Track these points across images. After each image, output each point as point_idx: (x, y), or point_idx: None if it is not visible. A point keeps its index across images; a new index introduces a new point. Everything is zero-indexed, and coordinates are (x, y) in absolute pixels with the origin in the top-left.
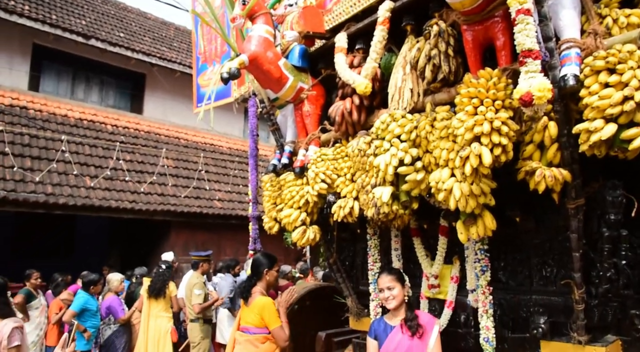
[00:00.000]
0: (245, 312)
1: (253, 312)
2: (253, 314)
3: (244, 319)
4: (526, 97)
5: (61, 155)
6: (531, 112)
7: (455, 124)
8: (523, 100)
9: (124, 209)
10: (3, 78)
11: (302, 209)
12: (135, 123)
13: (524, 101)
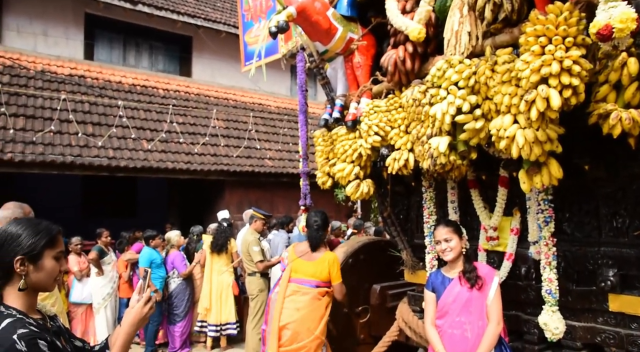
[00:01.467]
0: (305, 265)
1: (321, 265)
2: (321, 267)
3: (302, 272)
4: (605, 30)
5: (119, 120)
6: (609, 48)
7: (519, 67)
8: (601, 34)
9: (180, 169)
10: (61, 49)
11: (355, 162)
12: (185, 86)
13: (602, 35)
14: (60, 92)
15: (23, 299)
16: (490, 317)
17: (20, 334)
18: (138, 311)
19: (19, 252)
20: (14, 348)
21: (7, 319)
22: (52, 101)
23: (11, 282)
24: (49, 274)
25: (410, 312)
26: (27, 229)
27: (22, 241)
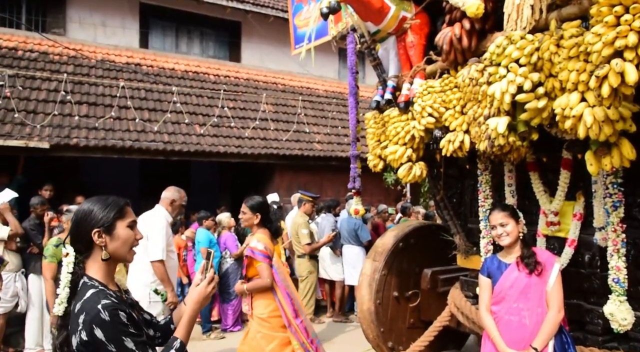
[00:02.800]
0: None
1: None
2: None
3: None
4: None
5: (173, 106)
6: None
7: (589, 40)
8: None
9: (231, 153)
10: (118, 39)
11: (407, 145)
12: (234, 71)
13: None
14: (119, 80)
15: (103, 271)
16: (550, 305)
17: (104, 304)
18: (202, 290)
19: (94, 225)
20: (98, 317)
21: (91, 290)
22: (112, 89)
23: (92, 255)
24: (124, 242)
25: (462, 297)
26: (97, 204)
27: (95, 215)
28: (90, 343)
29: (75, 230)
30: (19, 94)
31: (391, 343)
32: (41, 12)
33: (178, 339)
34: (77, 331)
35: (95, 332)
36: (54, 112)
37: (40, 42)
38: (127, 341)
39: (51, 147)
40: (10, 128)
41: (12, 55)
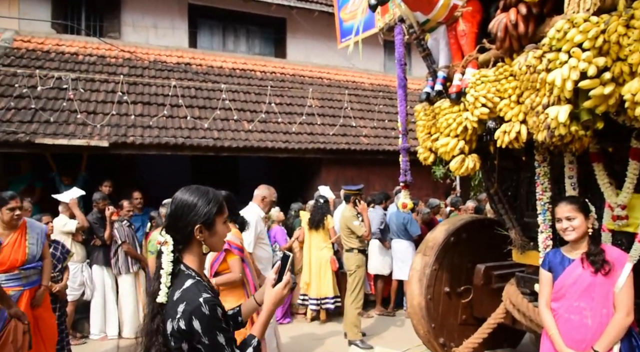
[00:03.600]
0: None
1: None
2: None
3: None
4: None
5: (222, 103)
6: None
7: None
8: None
9: (279, 148)
10: (168, 39)
11: (459, 137)
12: (280, 67)
13: None
14: (170, 79)
15: (198, 263)
16: (618, 307)
17: (205, 298)
18: (279, 292)
19: (197, 221)
20: (199, 310)
21: (190, 279)
22: (164, 88)
23: (189, 248)
24: (220, 237)
25: (519, 294)
26: (201, 199)
27: (198, 210)
28: (186, 332)
29: (176, 221)
30: (80, 96)
31: (442, 339)
32: (98, 17)
33: (255, 337)
34: (175, 318)
35: (193, 323)
36: (112, 112)
37: (98, 46)
38: (220, 336)
39: (110, 146)
40: (73, 128)
41: (73, 60)
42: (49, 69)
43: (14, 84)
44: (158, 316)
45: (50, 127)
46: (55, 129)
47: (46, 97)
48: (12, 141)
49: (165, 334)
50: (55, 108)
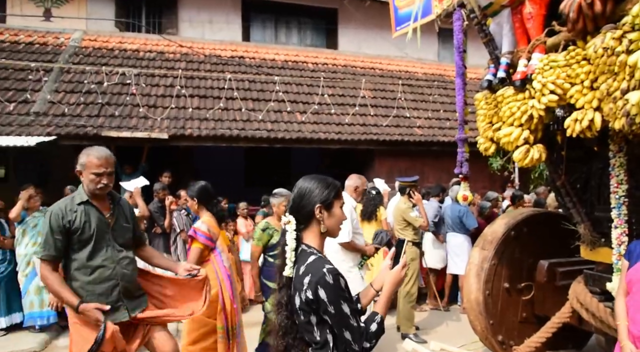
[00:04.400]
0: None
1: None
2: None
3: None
4: None
5: (275, 95)
6: None
7: None
8: None
9: (332, 139)
10: (223, 34)
11: (524, 126)
12: (332, 58)
13: None
14: (225, 72)
15: (318, 243)
16: None
17: (328, 268)
18: (397, 274)
19: (317, 201)
20: (323, 279)
21: (312, 256)
22: (219, 81)
23: (309, 227)
24: (338, 220)
25: (587, 293)
26: (319, 183)
27: (319, 192)
28: (314, 301)
29: (299, 203)
30: (142, 91)
31: (501, 337)
32: (157, 15)
33: (379, 314)
34: (302, 290)
35: (319, 292)
36: (171, 105)
37: (157, 42)
38: (344, 306)
39: (169, 138)
40: (136, 121)
41: (135, 56)
42: (113, 65)
43: (82, 80)
44: (284, 288)
45: (115, 120)
46: (120, 122)
47: (111, 92)
48: (82, 134)
49: (292, 307)
50: (119, 102)
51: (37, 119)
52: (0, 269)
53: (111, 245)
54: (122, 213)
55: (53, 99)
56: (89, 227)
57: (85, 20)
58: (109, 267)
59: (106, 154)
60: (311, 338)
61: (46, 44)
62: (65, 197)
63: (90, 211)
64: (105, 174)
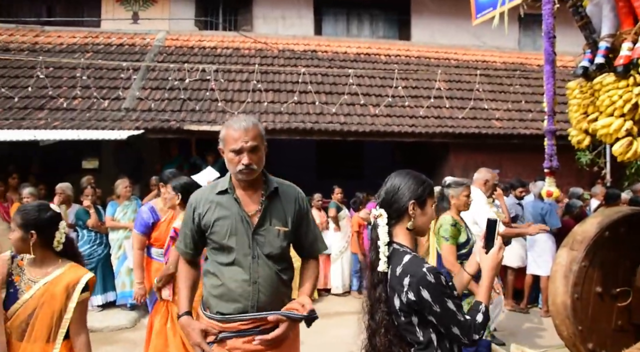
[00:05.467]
0: None
1: None
2: None
3: None
4: None
5: (348, 88)
6: None
7: None
8: None
9: (405, 132)
10: (296, 29)
11: (626, 116)
12: (405, 50)
13: None
14: (298, 66)
15: (409, 240)
16: None
17: (428, 267)
18: (495, 257)
19: (411, 197)
20: (425, 279)
21: (407, 255)
22: (292, 75)
23: (400, 223)
24: (429, 219)
25: None
26: (414, 180)
27: (412, 188)
28: (416, 303)
29: (393, 197)
30: (220, 86)
31: (592, 345)
32: (233, 13)
33: (482, 303)
34: (403, 292)
35: (422, 293)
36: (247, 100)
37: (233, 39)
38: (449, 303)
39: None
40: (214, 116)
41: (212, 54)
42: (193, 63)
43: (166, 77)
44: (380, 284)
45: (195, 114)
46: (200, 117)
47: (191, 88)
48: (166, 128)
49: (390, 305)
50: (199, 98)
51: (127, 114)
52: (97, 251)
53: (251, 255)
54: (278, 211)
55: (141, 95)
56: (222, 226)
57: (168, 21)
58: (240, 285)
59: (248, 123)
60: (413, 339)
61: (134, 44)
62: (213, 183)
63: (230, 204)
64: (245, 151)
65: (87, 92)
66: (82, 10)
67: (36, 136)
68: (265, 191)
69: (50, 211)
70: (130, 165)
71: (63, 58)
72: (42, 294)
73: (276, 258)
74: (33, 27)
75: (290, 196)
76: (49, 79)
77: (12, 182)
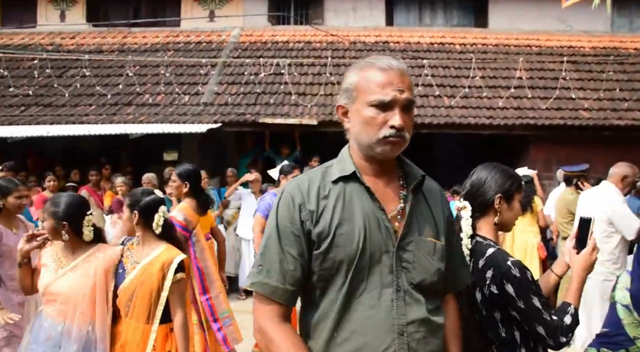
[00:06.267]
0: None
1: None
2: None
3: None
4: None
5: (422, 79)
6: None
7: None
8: None
9: (482, 124)
10: (366, 20)
11: None
12: (481, 38)
13: None
14: None
15: (493, 234)
16: None
17: (512, 261)
18: (587, 258)
19: (497, 190)
20: (509, 273)
21: (491, 248)
22: None
23: (484, 217)
24: (515, 215)
25: None
26: (501, 173)
27: (499, 181)
28: (499, 297)
29: (478, 190)
30: (292, 80)
31: None
32: (305, 7)
33: (571, 304)
34: (485, 285)
35: (505, 287)
36: (319, 93)
37: (304, 33)
38: (534, 299)
39: (318, 124)
40: (287, 109)
41: (285, 48)
42: (266, 57)
43: (242, 72)
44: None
45: (269, 108)
46: (274, 110)
47: (265, 82)
48: (242, 121)
49: (471, 298)
50: (272, 91)
51: (205, 108)
52: None
53: (394, 285)
54: (426, 214)
55: (218, 90)
56: (348, 235)
57: (242, 18)
58: (378, 337)
59: (400, 64)
60: (495, 334)
61: (211, 42)
62: (313, 169)
63: (358, 198)
64: (398, 105)
65: (170, 88)
66: (164, 11)
67: (126, 130)
68: (406, 181)
69: (153, 195)
70: (208, 157)
71: (148, 57)
72: (141, 274)
73: (429, 291)
74: (121, 29)
75: (436, 193)
76: (136, 76)
77: (106, 172)
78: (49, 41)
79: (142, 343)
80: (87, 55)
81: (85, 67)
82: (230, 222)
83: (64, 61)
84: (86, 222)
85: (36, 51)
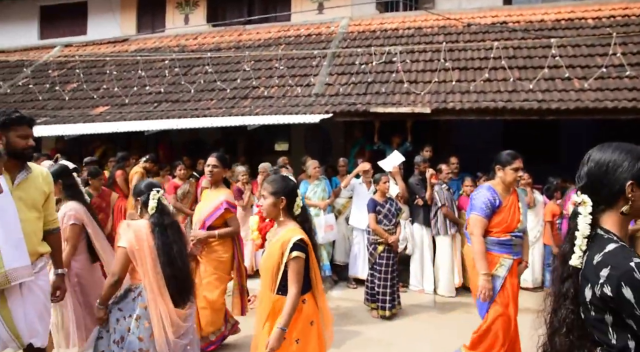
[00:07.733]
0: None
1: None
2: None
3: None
4: None
5: (547, 61)
6: None
7: None
8: None
9: (623, 109)
10: (481, 1)
11: None
12: (622, 9)
13: None
14: (486, 41)
15: (620, 225)
16: None
17: (637, 262)
18: None
19: (628, 177)
20: (630, 275)
21: (612, 244)
22: (480, 51)
23: (611, 210)
24: None
25: None
26: (629, 154)
27: (628, 165)
28: (613, 299)
29: (603, 180)
30: (404, 67)
31: None
32: None
33: None
34: (598, 283)
35: (623, 290)
36: (432, 79)
37: (414, 19)
38: None
39: (432, 112)
40: (399, 97)
41: (394, 35)
42: (376, 46)
43: (351, 62)
44: (569, 279)
45: (380, 97)
46: (385, 99)
47: (375, 71)
48: (353, 111)
49: (578, 300)
50: (383, 80)
51: (316, 99)
52: None
53: None
54: None
55: (329, 81)
56: None
57: (350, 8)
58: None
59: None
60: (603, 339)
61: (320, 33)
62: None
63: None
64: None
65: (283, 80)
66: (275, 7)
67: (244, 122)
68: None
69: (293, 182)
70: (317, 147)
71: (262, 51)
72: (269, 251)
73: None
74: (237, 27)
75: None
76: (252, 71)
77: None
78: (175, 43)
79: (266, 309)
80: (209, 53)
81: (207, 64)
82: (341, 212)
83: (189, 60)
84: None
85: (165, 53)
